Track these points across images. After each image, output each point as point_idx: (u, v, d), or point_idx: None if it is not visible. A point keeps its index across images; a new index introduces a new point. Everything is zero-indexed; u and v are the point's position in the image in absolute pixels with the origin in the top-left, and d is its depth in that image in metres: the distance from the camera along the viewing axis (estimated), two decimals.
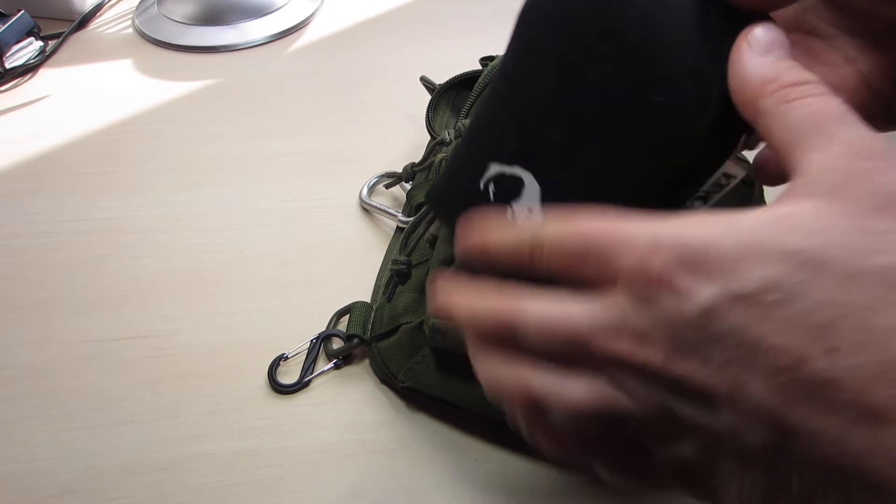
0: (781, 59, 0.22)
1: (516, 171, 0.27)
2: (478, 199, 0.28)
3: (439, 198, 0.32)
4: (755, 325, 0.18)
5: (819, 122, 0.20)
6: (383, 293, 0.43)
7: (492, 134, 0.28)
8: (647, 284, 0.20)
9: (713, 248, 0.19)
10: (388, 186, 0.54)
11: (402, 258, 0.42)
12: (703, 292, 0.19)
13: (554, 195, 0.26)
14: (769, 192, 0.42)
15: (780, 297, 0.18)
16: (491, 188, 0.28)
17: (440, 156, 0.47)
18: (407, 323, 0.41)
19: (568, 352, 0.22)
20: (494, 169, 0.28)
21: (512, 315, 0.23)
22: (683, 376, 0.19)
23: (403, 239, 0.43)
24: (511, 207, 0.27)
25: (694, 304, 0.19)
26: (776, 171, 0.27)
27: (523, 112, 0.27)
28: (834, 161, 0.19)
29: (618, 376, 0.21)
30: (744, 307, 0.18)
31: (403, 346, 0.41)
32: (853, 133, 0.19)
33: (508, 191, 0.27)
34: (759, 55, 0.22)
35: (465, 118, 0.49)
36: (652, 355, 0.20)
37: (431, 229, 0.41)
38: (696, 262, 0.19)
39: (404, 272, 0.42)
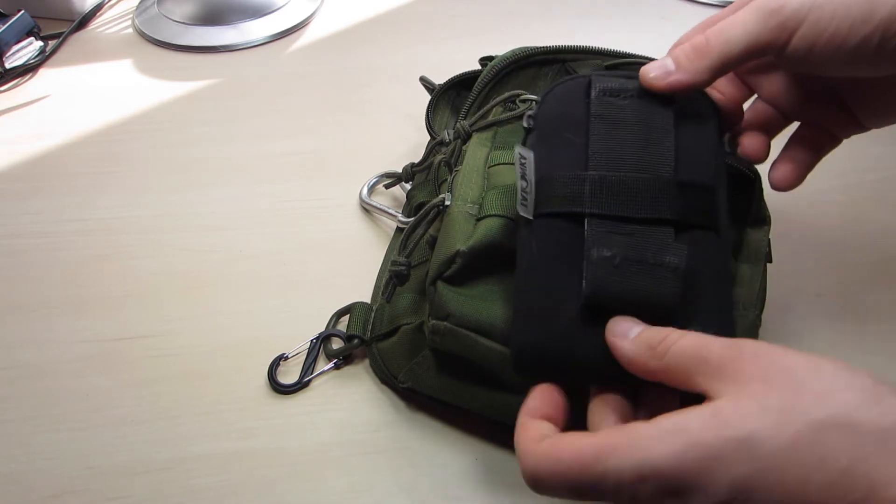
0: (640, 333, 0.28)
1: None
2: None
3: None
4: None
5: (691, 354, 0.26)
6: (383, 294, 0.43)
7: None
8: None
9: (681, 470, 0.23)
10: (388, 186, 0.54)
11: (402, 259, 0.42)
12: None
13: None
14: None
15: (746, 497, 0.23)
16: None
17: (440, 156, 0.47)
18: (407, 324, 0.41)
19: None
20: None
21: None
22: None
23: (403, 240, 0.43)
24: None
25: None
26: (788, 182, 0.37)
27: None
28: (717, 371, 0.25)
29: None
30: None
31: (403, 347, 0.41)
32: (715, 348, 0.26)
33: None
34: (624, 340, 0.28)
35: (465, 118, 0.49)
36: None
37: (431, 230, 0.41)
38: (676, 488, 0.23)
39: (403, 273, 0.42)
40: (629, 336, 0.29)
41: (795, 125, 0.39)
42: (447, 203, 0.40)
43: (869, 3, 0.29)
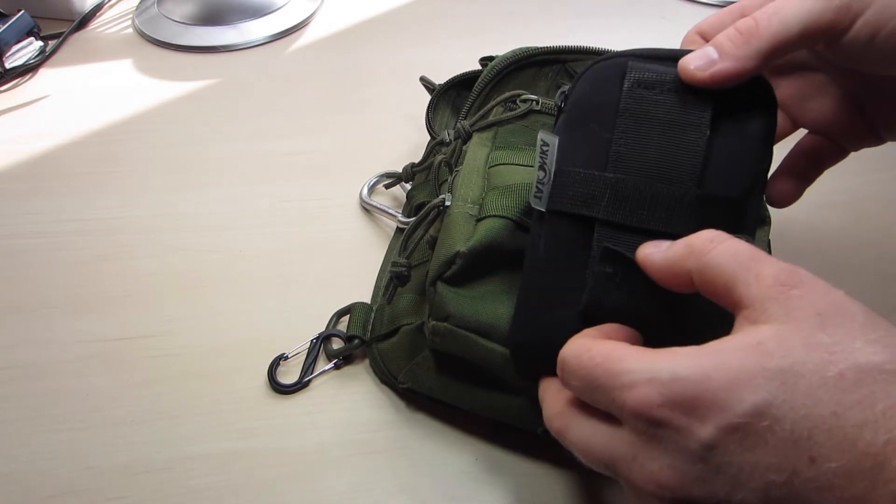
0: (678, 241, 0.27)
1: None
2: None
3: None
4: (750, 451, 0.22)
5: (741, 261, 0.24)
6: (383, 295, 0.43)
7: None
8: (649, 424, 0.23)
9: (705, 384, 0.22)
10: (388, 186, 0.54)
11: (402, 260, 0.42)
12: (702, 431, 0.22)
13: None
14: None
15: (768, 423, 0.22)
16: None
17: (440, 156, 0.47)
18: (407, 324, 0.41)
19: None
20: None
21: (561, 432, 0.28)
22: (691, 500, 0.23)
23: (403, 241, 0.43)
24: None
25: (695, 441, 0.22)
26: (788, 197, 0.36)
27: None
28: (769, 292, 0.24)
29: (639, 494, 0.25)
30: (739, 437, 0.22)
31: (403, 348, 0.41)
32: (772, 267, 0.24)
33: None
34: (655, 254, 0.27)
35: (465, 118, 0.49)
36: (660, 488, 0.23)
37: (431, 231, 0.41)
38: (692, 401, 0.22)
39: (404, 274, 0.42)
40: (661, 248, 0.27)
41: (793, 138, 0.38)
42: (447, 203, 0.40)
43: None
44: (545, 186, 0.31)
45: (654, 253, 0.27)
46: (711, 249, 0.25)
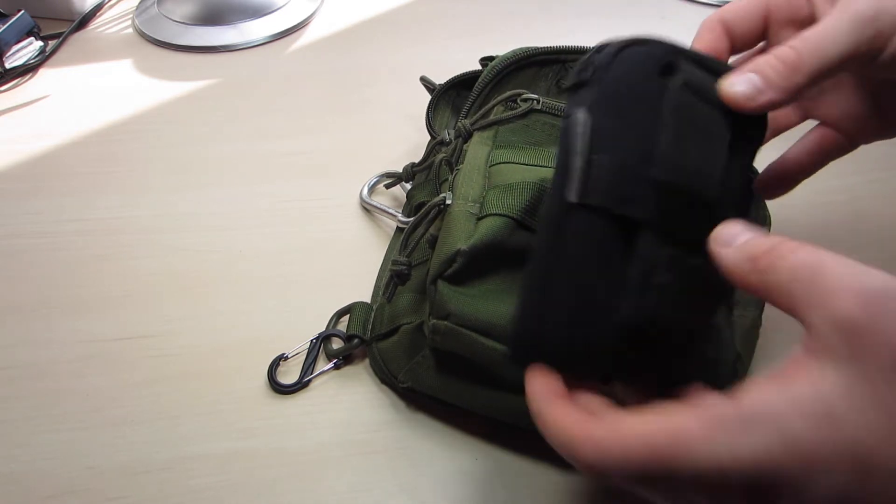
0: (745, 242, 0.25)
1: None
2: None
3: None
4: None
5: (804, 280, 0.22)
6: (383, 293, 0.43)
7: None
8: None
9: (773, 472, 0.20)
10: (388, 186, 0.54)
11: (402, 259, 0.42)
12: None
13: None
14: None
15: None
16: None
17: (440, 156, 0.47)
18: (407, 323, 0.41)
19: None
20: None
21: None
22: None
23: (403, 239, 0.43)
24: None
25: None
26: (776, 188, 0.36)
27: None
28: (841, 314, 0.20)
29: None
30: None
31: (403, 347, 0.41)
32: (845, 294, 0.21)
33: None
34: (725, 248, 0.25)
35: (466, 118, 0.49)
36: None
37: (431, 229, 0.41)
38: (759, 489, 0.20)
39: (404, 273, 0.42)
40: (733, 243, 0.25)
41: (797, 130, 0.38)
42: (448, 202, 0.40)
43: None
44: (574, 172, 0.27)
45: (723, 251, 0.26)
46: (770, 267, 0.23)
